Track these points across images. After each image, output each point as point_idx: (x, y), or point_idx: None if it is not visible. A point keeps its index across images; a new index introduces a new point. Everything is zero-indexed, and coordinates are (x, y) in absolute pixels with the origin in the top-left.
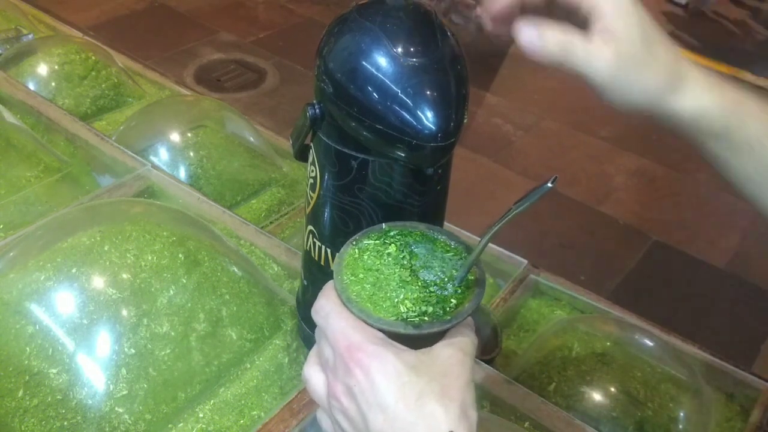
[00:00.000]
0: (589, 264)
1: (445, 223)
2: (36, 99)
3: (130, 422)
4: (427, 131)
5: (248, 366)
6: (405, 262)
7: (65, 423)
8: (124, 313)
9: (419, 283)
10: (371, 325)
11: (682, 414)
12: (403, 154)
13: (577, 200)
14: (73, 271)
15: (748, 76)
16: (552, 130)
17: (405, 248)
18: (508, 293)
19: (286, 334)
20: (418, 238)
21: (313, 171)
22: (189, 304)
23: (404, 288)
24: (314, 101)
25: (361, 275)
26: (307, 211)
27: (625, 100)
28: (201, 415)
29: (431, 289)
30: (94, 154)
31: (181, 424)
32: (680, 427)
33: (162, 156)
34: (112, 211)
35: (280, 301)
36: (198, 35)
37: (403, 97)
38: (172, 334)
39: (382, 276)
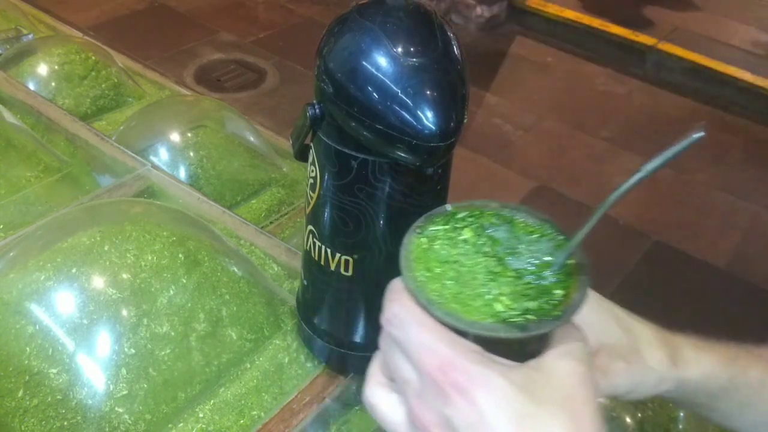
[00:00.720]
0: (589, 264)
1: None
2: (36, 99)
3: (130, 422)
4: (427, 131)
5: (248, 366)
6: (487, 249)
7: (65, 423)
8: (124, 313)
9: (511, 274)
10: (462, 332)
11: (682, 414)
12: (403, 154)
13: (577, 200)
14: (73, 271)
15: (747, 76)
16: (552, 130)
17: (481, 232)
18: None
19: (286, 334)
20: (492, 220)
21: (313, 171)
22: (189, 304)
23: (495, 281)
24: (314, 101)
25: (437, 270)
26: (307, 211)
27: (646, 393)
28: (201, 415)
29: (527, 279)
30: (94, 154)
31: (181, 424)
32: (680, 427)
33: (162, 156)
34: (112, 211)
35: (280, 301)
36: (198, 35)
37: (403, 97)
38: (172, 334)
39: (464, 268)
